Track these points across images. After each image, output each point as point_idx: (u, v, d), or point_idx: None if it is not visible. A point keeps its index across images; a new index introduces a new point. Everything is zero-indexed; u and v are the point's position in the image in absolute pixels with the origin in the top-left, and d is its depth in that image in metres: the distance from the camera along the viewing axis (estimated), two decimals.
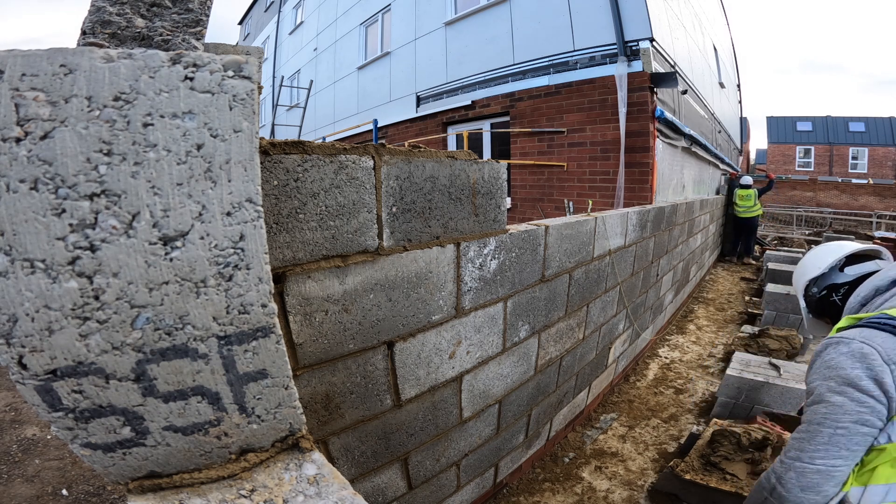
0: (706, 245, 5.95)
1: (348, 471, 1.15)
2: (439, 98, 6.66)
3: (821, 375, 0.90)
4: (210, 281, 0.52)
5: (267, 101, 12.58)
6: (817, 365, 0.92)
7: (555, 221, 1.74)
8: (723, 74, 8.86)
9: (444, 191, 1.14)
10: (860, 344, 0.86)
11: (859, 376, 0.84)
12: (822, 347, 0.93)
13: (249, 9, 16.55)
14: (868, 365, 0.84)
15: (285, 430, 0.65)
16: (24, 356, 0.45)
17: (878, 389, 0.83)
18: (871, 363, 0.84)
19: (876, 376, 0.83)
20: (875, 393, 0.83)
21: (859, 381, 0.84)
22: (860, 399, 0.84)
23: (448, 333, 1.31)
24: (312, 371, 0.97)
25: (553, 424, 2.27)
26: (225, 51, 0.70)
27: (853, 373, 0.85)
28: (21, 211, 0.42)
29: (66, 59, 0.43)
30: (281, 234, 0.84)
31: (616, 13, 4.31)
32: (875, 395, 0.84)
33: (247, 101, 0.51)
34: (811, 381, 0.93)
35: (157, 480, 0.57)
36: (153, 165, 0.47)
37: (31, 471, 2.30)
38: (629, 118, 4.20)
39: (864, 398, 0.84)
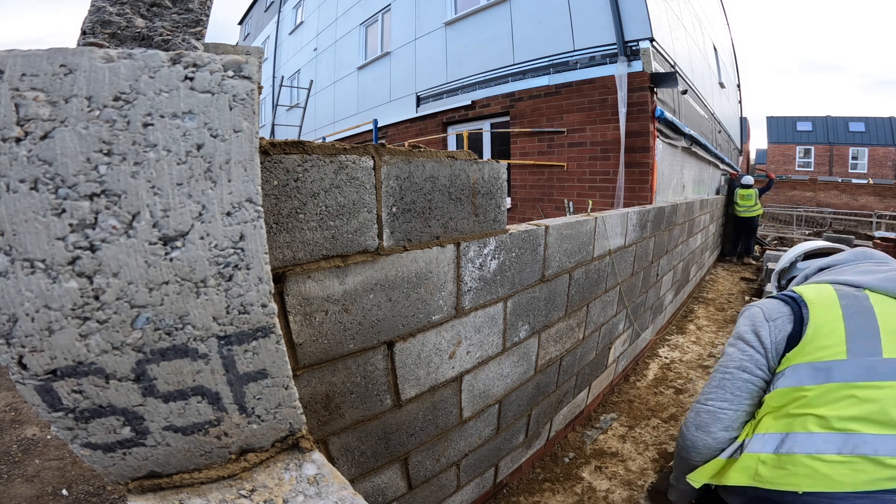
0: (706, 245, 5.95)
1: (348, 471, 1.15)
2: (439, 98, 6.67)
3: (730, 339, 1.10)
4: (210, 281, 0.52)
5: (267, 101, 12.58)
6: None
7: (555, 221, 1.74)
8: (723, 74, 8.86)
9: (444, 191, 1.14)
10: (755, 308, 1.08)
11: (746, 330, 1.05)
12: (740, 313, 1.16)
13: (249, 9, 16.55)
14: (753, 322, 1.05)
15: (285, 430, 0.65)
16: (24, 356, 0.45)
17: (756, 340, 1.02)
18: (755, 320, 1.05)
19: (756, 329, 1.03)
20: (754, 343, 1.02)
21: (745, 334, 1.04)
22: (743, 349, 1.04)
23: (448, 333, 1.31)
24: (312, 371, 0.97)
25: (553, 424, 2.27)
26: (225, 51, 0.70)
27: (742, 328, 1.06)
28: (21, 211, 0.42)
29: (66, 59, 0.43)
30: (281, 234, 0.84)
31: (616, 13, 4.31)
32: (754, 345, 1.02)
33: (247, 101, 0.51)
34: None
35: (157, 480, 0.57)
36: (153, 165, 0.47)
37: (31, 471, 2.30)
38: (629, 118, 4.20)
39: (746, 348, 1.03)
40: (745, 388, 1.02)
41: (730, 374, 1.04)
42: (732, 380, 1.03)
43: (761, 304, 1.08)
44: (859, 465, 0.79)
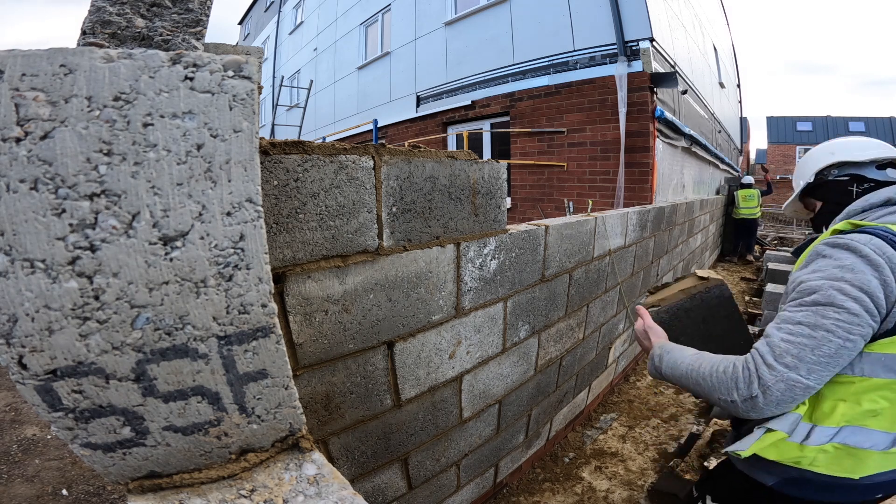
0: (706, 245, 5.95)
1: (348, 471, 1.15)
2: (439, 98, 6.66)
3: (830, 275, 0.77)
4: (210, 281, 0.52)
5: (267, 101, 12.58)
6: (823, 264, 0.80)
7: (555, 221, 1.74)
8: (723, 74, 8.86)
9: (444, 191, 1.14)
10: (872, 251, 0.76)
11: (878, 286, 0.74)
12: (824, 248, 0.82)
13: (249, 9, 16.55)
14: (884, 279, 0.75)
15: (285, 430, 0.65)
16: (24, 356, 0.45)
17: (885, 307, 0.75)
18: (885, 277, 0.75)
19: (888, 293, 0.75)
20: (884, 309, 0.75)
21: (878, 291, 0.74)
22: (872, 311, 0.75)
23: (448, 333, 1.31)
24: (312, 371, 0.97)
25: (553, 424, 2.27)
26: (225, 51, 0.70)
27: (873, 282, 0.74)
28: (21, 211, 0.42)
29: (66, 59, 0.43)
30: (281, 234, 0.84)
31: (616, 13, 4.31)
32: (882, 311, 0.75)
33: (247, 101, 0.51)
34: (810, 280, 0.81)
35: (157, 480, 0.57)
36: (153, 165, 0.47)
37: (31, 471, 2.30)
38: (629, 118, 4.20)
39: (876, 312, 0.75)
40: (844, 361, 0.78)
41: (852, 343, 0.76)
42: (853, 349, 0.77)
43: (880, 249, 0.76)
44: None
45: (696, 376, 0.90)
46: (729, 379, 0.83)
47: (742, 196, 7.56)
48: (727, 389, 0.83)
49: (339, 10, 9.25)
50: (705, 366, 0.90)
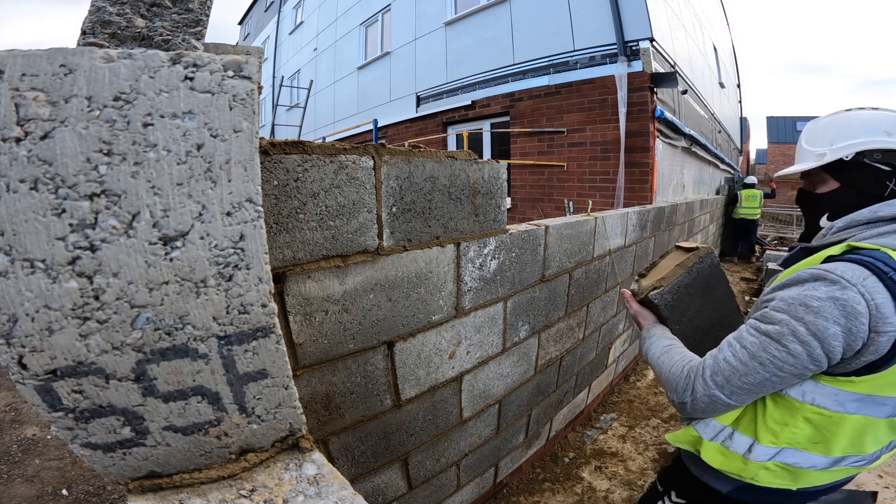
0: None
1: (348, 471, 1.15)
2: (439, 98, 6.66)
3: (793, 312, 0.74)
4: (210, 281, 0.52)
5: (267, 101, 12.58)
6: (796, 295, 0.75)
7: (555, 221, 1.74)
8: (723, 74, 8.86)
9: (444, 191, 1.14)
10: (856, 296, 0.68)
11: (835, 335, 0.70)
12: (808, 276, 0.75)
13: (249, 9, 16.56)
14: (851, 327, 0.69)
15: (285, 430, 0.65)
16: (24, 356, 0.45)
17: (840, 355, 0.72)
18: (854, 326, 0.69)
19: (850, 343, 0.70)
20: (836, 357, 0.72)
21: (833, 340, 0.70)
22: (818, 358, 0.72)
23: (448, 333, 1.31)
24: (312, 371, 0.97)
25: (553, 424, 2.27)
26: (225, 51, 0.70)
27: (831, 329, 0.70)
28: (21, 211, 0.42)
29: (66, 59, 0.43)
30: (281, 234, 0.84)
31: (616, 13, 4.31)
32: (833, 359, 0.72)
33: (247, 101, 0.51)
34: (777, 308, 0.77)
35: (157, 480, 0.57)
36: (153, 165, 0.47)
37: (31, 471, 2.30)
38: (629, 118, 4.20)
39: (822, 359, 0.72)
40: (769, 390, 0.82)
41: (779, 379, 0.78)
42: (780, 384, 0.80)
43: (869, 292, 0.68)
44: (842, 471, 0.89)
45: (659, 370, 1.00)
46: (675, 380, 0.92)
47: (745, 196, 7.56)
48: (671, 389, 0.94)
49: (339, 10, 9.25)
50: (666, 363, 0.98)
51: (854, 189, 0.86)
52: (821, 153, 0.88)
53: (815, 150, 0.90)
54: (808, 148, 0.92)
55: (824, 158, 0.87)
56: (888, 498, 2.00)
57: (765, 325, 0.79)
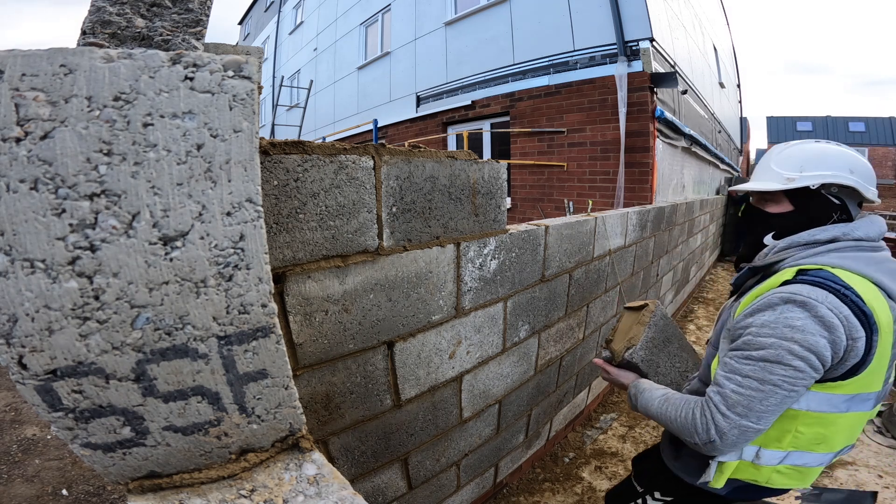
0: (706, 245, 5.95)
1: (348, 471, 1.15)
2: (439, 98, 6.66)
3: (780, 334, 0.81)
4: (210, 281, 0.52)
5: (267, 101, 12.58)
6: (775, 319, 0.82)
7: (555, 221, 1.74)
8: (723, 74, 8.86)
9: (444, 191, 1.14)
10: (828, 312, 0.78)
11: (825, 346, 0.79)
12: (778, 300, 0.83)
13: (249, 9, 16.56)
14: (834, 339, 0.78)
15: (285, 430, 0.65)
16: (24, 356, 0.45)
17: (830, 362, 0.80)
18: (837, 337, 0.78)
19: (836, 351, 0.79)
20: (828, 364, 0.81)
21: (825, 351, 0.79)
22: (817, 367, 0.81)
23: (448, 333, 1.31)
24: (312, 371, 0.97)
25: (553, 424, 2.27)
26: (225, 51, 0.70)
27: (820, 342, 0.78)
28: (21, 211, 0.42)
29: (66, 59, 0.43)
30: (281, 234, 0.84)
31: (616, 13, 4.31)
32: (826, 366, 0.81)
33: (247, 101, 0.51)
34: (760, 335, 0.83)
35: (157, 480, 0.57)
36: (153, 165, 0.47)
37: (31, 471, 2.30)
38: (629, 118, 4.20)
39: (820, 368, 0.81)
40: (788, 406, 0.87)
41: (795, 393, 0.83)
42: (796, 397, 0.85)
43: (835, 307, 0.79)
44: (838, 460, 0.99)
45: (665, 420, 0.99)
46: (689, 425, 0.92)
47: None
48: (689, 434, 0.92)
49: (339, 10, 9.25)
50: (671, 410, 0.98)
51: (804, 214, 0.95)
52: (790, 177, 0.94)
53: (784, 173, 0.95)
54: (776, 169, 0.97)
55: (793, 183, 0.93)
56: (888, 498, 2.01)
57: (756, 353, 0.84)
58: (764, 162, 1.02)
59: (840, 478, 2.15)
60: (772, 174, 0.97)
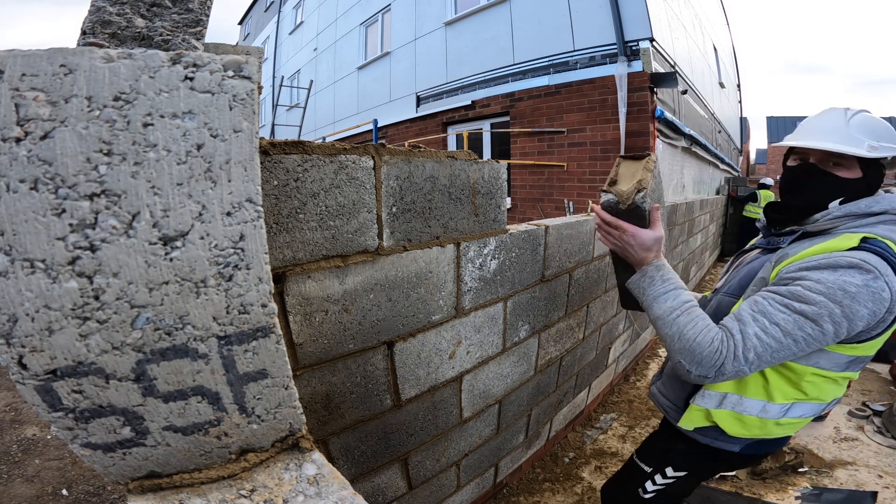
0: (706, 245, 5.95)
1: (348, 471, 1.15)
2: (439, 98, 6.67)
3: (832, 296, 0.80)
4: (210, 281, 0.52)
5: (267, 101, 12.58)
6: (834, 280, 0.81)
7: (555, 221, 1.74)
8: (723, 74, 8.86)
9: (444, 191, 1.14)
10: (884, 284, 0.78)
11: (862, 317, 0.80)
12: (845, 263, 0.81)
13: (249, 9, 16.56)
14: (876, 310, 0.79)
15: (285, 430, 0.65)
16: (24, 356, 0.45)
17: (859, 330, 0.82)
18: (879, 309, 0.79)
19: (870, 322, 0.81)
20: (855, 332, 0.82)
21: (860, 321, 0.80)
22: (841, 335, 0.82)
23: (448, 333, 1.31)
24: (312, 371, 0.97)
25: (553, 424, 2.27)
26: (225, 51, 0.70)
27: (862, 311, 0.79)
28: (21, 211, 0.42)
29: (66, 59, 0.43)
30: (281, 234, 0.84)
31: (616, 13, 4.31)
32: (852, 334, 0.83)
33: (247, 101, 0.51)
34: (811, 289, 0.82)
35: (157, 480, 0.57)
36: (153, 165, 0.47)
37: (31, 471, 2.30)
38: (629, 118, 4.21)
39: (843, 335, 0.83)
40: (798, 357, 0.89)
41: (810, 349, 0.85)
42: (807, 352, 0.86)
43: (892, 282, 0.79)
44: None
45: (674, 327, 0.93)
46: (698, 352, 0.88)
47: (764, 196, 7.63)
48: (690, 360, 0.90)
49: (339, 10, 9.25)
50: (689, 325, 0.91)
51: (866, 183, 0.94)
52: (873, 145, 0.91)
53: (867, 140, 0.91)
54: (857, 135, 0.92)
55: (875, 152, 0.91)
56: (888, 498, 2.01)
57: (799, 305, 0.83)
58: (830, 123, 0.97)
59: (840, 478, 2.15)
60: (851, 139, 0.92)
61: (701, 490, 2.06)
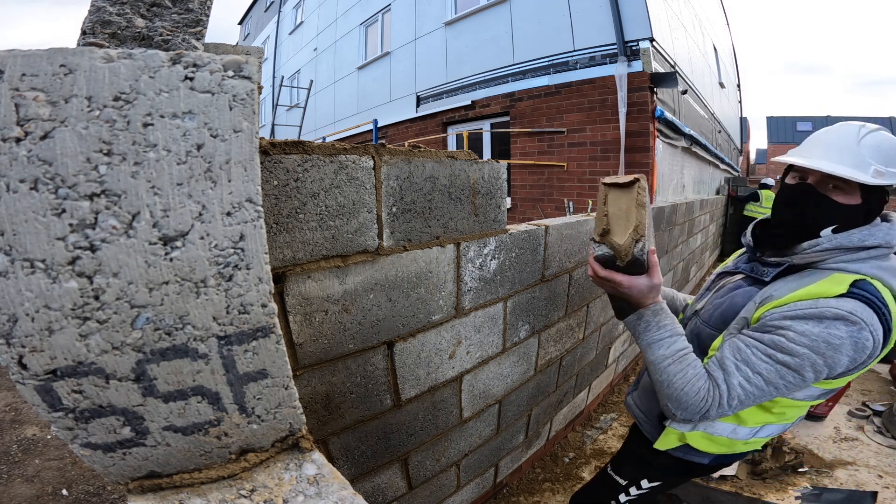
0: (706, 245, 5.95)
1: (348, 471, 1.15)
2: (439, 98, 6.67)
3: (816, 348, 0.79)
4: (210, 281, 0.52)
5: (267, 101, 12.59)
6: (819, 333, 0.79)
7: (555, 221, 1.74)
8: (723, 74, 8.87)
9: (444, 191, 1.14)
10: (868, 336, 0.77)
11: (843, 364, 0.79)
12: (831, 315, 0.78)
13: (249, 9, 16.56)
14: (856, 357, 0.79)
15: (285, 430, 0.65)
16: (24, 356, 0.45)
17: (836, 371, 0.81)
18: (860, 357, 0.79)
19: (849, 367, 0.80)
20: (833, 376, 0.83)
21: (840, 368, 0.80)
22: (820, 379, 0.83)
23: (448, 333, 1.31)
24: (312, 371, 0.97)
25: (553, 424, 2.27)
26: (225, 51, 0.70)
27: (843, 360, 0.79)
28: (21, 211, 0.42)
29: (66, 59, 0.43)
30: (281, 234, 0.84)
31: (616, 13, 4.31)
32: (830, 377, 0.84)
33: (247, 101, 0.51)
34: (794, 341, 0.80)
35: (157, 480, 0.57)
36: (153, 165, 0.47)
37: (31, 471, 2.30)
38: (629, 118, 4.21)
39: (823, 379, 0.83)
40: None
41: (786, 390, 0.86)
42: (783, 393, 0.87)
43: (875, 331, 0.78)
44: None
45: (666, 374, 0.93)
46: (685, 400, 0.90)
47: (765, 196, 7.64)
48: (678, 406, 0.91)
49: (339, 10, 9.25)
50: (679, 374, 0.91)
51: (865, 210, 0.86)
52: (880, 171, 0.82)
53: (875, 164, 0.83)
54: (867, 158, 0.83)
55: (881, 178, 0.82)
56: (888, 498, 2.01)
57: (782, 356, 0.82)
58: (839, 140, 0.87)
59: (840, 478, 2.15)
60: (858, 161, 0.83)
61: (701, 490, 2.06)
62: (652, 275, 1.02)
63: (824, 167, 0.85)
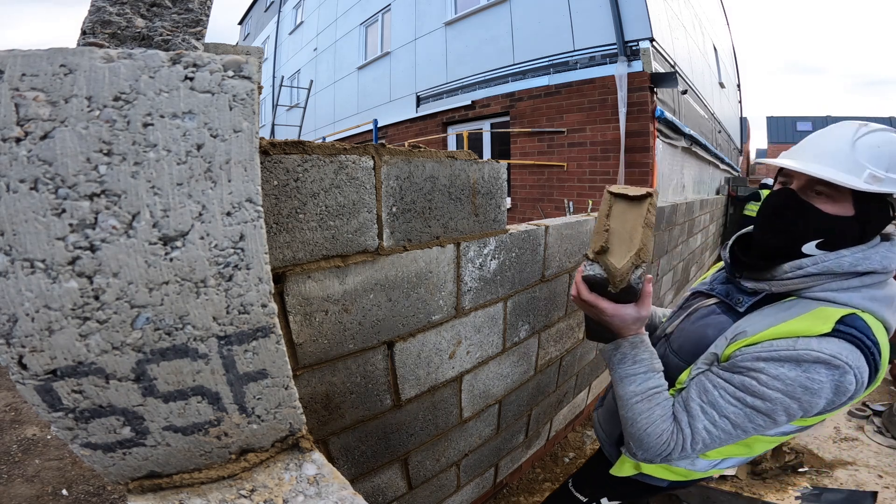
0: (706, 245, 5.95)
1: (348, 471, 1.15)
2: (439, 98, 6.67)
3: (790, 392, 0.70)
4: (210, 281, 0.52)
5: (267, 101, 12.58)
6: (795, 377, 0.70)
7: (555, 221, 1.74)
8: (723, 74, 8.87)
9: (444, 191, 1.14)
10: (852, 380, 0.68)
11: (819, 406, 0.71)
12: (811, 360, 0.69)
13: (249, 9, 16.56)
14: (835, 400, 0.71)
15: (285, 430, 0.65)
16: (24, 356, 0.45)
17: (814, 412, 0.72)
18: (839, 399, 0.70)
19: (826, 408, 0.72)
20: (809, 414, 0.73)
21: (815, 410, 0.71)
22: (793, 421, 0.75)
23: (448, 333, 1.31)
24: (312, 371, 0.97)
25: (553, 424, 2.27)
26: (225, 51, 0.70)
27: (821, 403, 0.70)
28: (21, 211, 0.42)
29: (66, 59, 0.43)
30: (281, 234, 0.84)
31: (616, 13, 4.31)
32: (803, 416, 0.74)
33: (247, 101, 0.51)
34: (767, 385, 0.71)
35: (157, 480, 0.57)
36: (153, 165, 0.47)
37: (31, 471, 2.30)
38: (629, 118, 4.21)
39: (795, 420, 0.75)
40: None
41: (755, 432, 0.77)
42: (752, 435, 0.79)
43: (860, 373, 0.68)
44: None
45: (633, 411, 0.85)
46: (648, 442, 0.82)
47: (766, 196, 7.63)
48: (640, 445, 0.84)
49: (339, 10, 9.25)
50: (645, 415, 0.83)
51: (861, 224, 0.73)
52: (876, 175, 0.69)
53: (871, 168, 0.70)
54: (861, 161, 0.71)
55: (878, 184, 0.69)
56: (888, 498, 2.01)
57: (752, 399, 0.73)
58: (832, 140, 0.76)
59: (840, 478, 2.15)
60: (850, 163, 0.71)
61: (701, 490, 2.06)
62: (641, 305, 0.89)
63: (804, 168, 0.73)
